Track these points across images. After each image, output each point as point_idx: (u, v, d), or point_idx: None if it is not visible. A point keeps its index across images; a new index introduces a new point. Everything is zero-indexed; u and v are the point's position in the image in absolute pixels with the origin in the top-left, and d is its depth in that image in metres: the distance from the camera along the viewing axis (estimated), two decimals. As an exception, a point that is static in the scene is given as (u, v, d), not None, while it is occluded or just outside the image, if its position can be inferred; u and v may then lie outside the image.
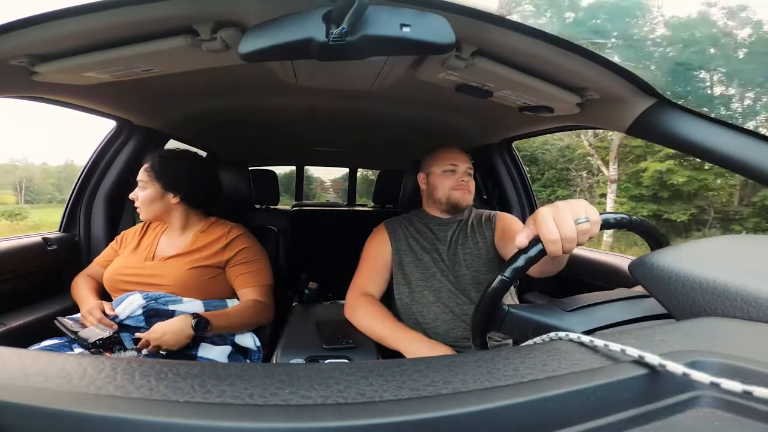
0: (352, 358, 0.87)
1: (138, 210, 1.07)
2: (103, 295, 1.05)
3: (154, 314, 0.95)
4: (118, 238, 1.16)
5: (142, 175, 1.05)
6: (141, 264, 1.04)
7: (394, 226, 1.13)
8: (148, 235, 1.13)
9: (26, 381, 0.23)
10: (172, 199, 1.06)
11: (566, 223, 0.49)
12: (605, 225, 0.52)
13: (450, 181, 1.08)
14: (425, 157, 1.16)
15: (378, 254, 1.09)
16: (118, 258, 1.09)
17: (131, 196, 1.08)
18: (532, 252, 0.51)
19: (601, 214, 0.52)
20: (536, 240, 0.50)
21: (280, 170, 2.08)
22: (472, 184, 1.11)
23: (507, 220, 1.09)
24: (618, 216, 0.54)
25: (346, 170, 3.04)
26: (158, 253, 1.08)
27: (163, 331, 0.87)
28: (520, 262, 0.51)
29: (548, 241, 0.49)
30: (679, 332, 0.33)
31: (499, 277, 0.52)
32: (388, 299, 1.10)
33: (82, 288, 1.06)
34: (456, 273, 1.04)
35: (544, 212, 0.50)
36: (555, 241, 0.48)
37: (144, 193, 1.05)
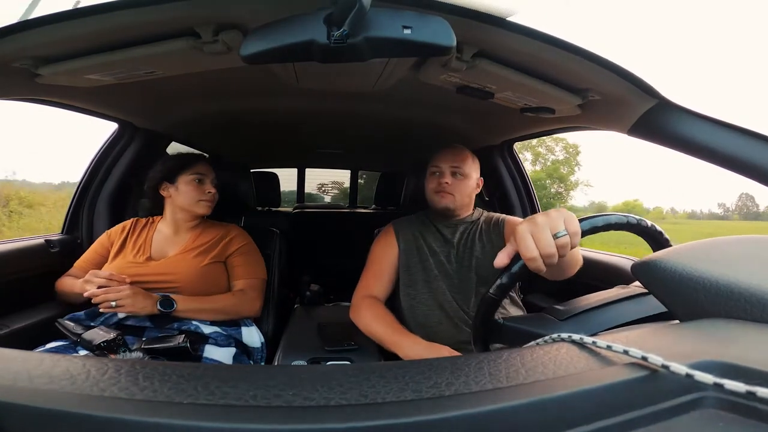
0: (353, 360, 0.87)
1: (209, 204, 1.11)
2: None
3: (159, 314, 0.94)
4: (104, 239, 1.13)
5: (210, 171, 1.13)
6: (144, 264, 1.04)
7: (402, 227, 1.12)
8: (140, 235, 1.12)
9: (30, 383, 0.23)
10: None
11: (544, 239, 0.48)
12: (590, 230, 0.51)
13: None
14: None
15: (384, 256, 1.08)
16: (111, 261, 1.07)
17: (209, 190, 1.10)
18: (515, 269, 0.50)
19: (584, 219, 0.51)
20: (518, 257, 0.50)
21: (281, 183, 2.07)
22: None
23: (514, 224, 1.09)
24: (601, 218, 0.51)
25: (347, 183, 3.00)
26: (155, 252, 1.08)
27: (126, 296, 0.88)
28: (505, 279, 0.51)
29: (527, 258, 0.48)
30: (682, 333, 0.33)
31: (487, 295, 0.53)
32: (396, 301, 1.09)
33: (70, 280, 1.04)
34: (462, 276, 1.03)
35: (522, 230, 0.49)
36: (534, 259, 0.47)
37: (215, 189, 1.13)
